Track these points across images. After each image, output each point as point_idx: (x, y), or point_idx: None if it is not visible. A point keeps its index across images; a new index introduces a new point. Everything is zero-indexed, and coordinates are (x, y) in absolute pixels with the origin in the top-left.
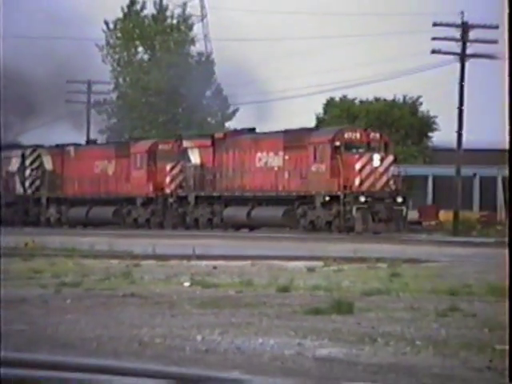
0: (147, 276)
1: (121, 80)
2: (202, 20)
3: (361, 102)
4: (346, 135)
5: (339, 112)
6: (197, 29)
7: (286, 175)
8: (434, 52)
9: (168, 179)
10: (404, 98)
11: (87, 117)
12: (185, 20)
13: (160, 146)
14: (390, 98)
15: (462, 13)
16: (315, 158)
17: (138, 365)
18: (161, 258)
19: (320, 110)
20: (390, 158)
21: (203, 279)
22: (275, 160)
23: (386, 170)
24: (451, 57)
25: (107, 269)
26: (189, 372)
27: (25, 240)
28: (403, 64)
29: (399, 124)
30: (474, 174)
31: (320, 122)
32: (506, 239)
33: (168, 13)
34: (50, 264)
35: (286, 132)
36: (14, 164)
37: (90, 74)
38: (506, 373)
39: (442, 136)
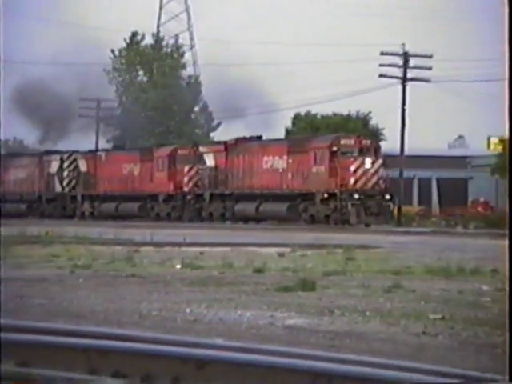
0: (145, 260)
1: (124, 98)
2: (191, 49)
3: (322, 116)
4: (341, 141)
5: (304, 125)
6: (187, 56)
7: (290, 175)
8: (381, 76)
9: (186, 179)
10: (357, 113)
11: (96, 128)
12: (177, 49)
13: (179, 151)
14: (345, 113)
15: (404, 44)
16: (315, 160)
17: (138, 333)
18: (157, 245)
19: (289, 123)
20: (380, 161)
21: (192, 262)
22: (280, 163)
23: (376, 171)
24: (395, 80)
25: (112, 254)
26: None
27: (45, 230)
28: (357, 85)
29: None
30: (414, 176)
31: (289, 133)
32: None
33: (163, 43)
34: (65, 249)
35: (290, 139)
36: (54, 167)
37: (99, 92)
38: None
39: (388, 145)
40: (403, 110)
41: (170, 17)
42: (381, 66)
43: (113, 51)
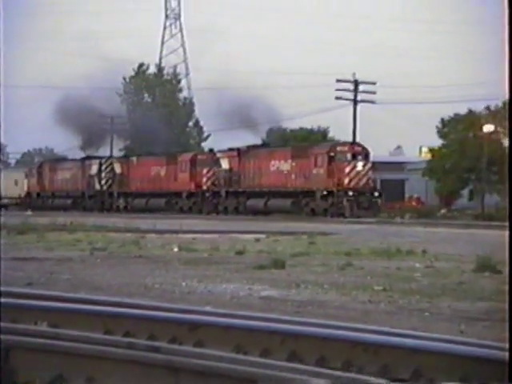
0: (150, 244)
1: (132, 115)
2: (186, 76)
3: (290, 130)
4: (337, 148)
5: (277, 137)
6: (183, 82)
7: (293, 176)
8: (337, 98)
9: (205, 179)
10: (318, 127)
11: (111, 139)
12: (175, 76)
13: (199, 157)
14: (309, 127)
15: (354, 73)
16: (315, 164)
17: (143, 302)
18: (159, 232)
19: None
20: (369, 164)
21: (187, 246)
22: (285, 166)
23: (366, 173)
24: (348, 101)
25: (123, 239)
26: (184, 308)
27: (71, 220)
28: (318, 105)
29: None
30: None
31: (264, 143)
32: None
33: (164, 72)
34: (86, 236)
35: (293, 146)
36: (94, 169)
37: (113, 111)
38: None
39: None
40: (354, 125)
41: (169, 51)
42: (337, 90)
43: (124, 78)
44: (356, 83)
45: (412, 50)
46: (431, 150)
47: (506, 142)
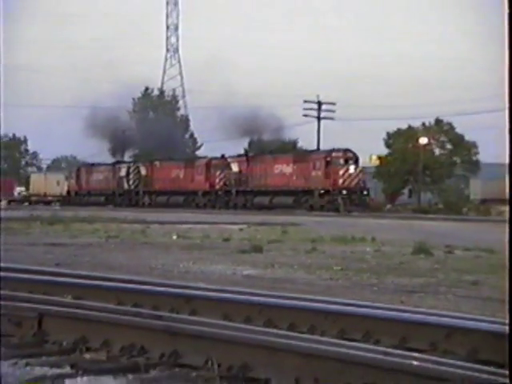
0: (154, 233)
1: (140, 129)
2: (183, 98)
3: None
4: (333, 154)
5: (256, 147)
6: (180, 102)
7: (294, 178)
8: (304, 115)
9: (217, 180)
10: (288, 139)
11: (123, 148)
12: (174, 97)
13: (213, 161)
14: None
15: (318, 95)
16: (314, 167)
17: (149, 279)
18: (161, 223)
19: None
20: (359, 168)
21: (183, 234)
22: (287, 169)
23: (357, 175)
24: (314, 118)
25: (133, 229)
26: (181, 284)
27: (91, 213)
28: (288, 121)
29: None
30: None
31: (247, 152)
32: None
33: (165, 94)
34: (103, 226)
35: (294, 153)
36: (123, 172)
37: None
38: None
39: None
40: (318, 137)
41: (169, 78)
42: (304, 109)
43: (133, 99)
44: (319, 104)
45: (365, 77)
46: (379, 158)
47: (437, 152)
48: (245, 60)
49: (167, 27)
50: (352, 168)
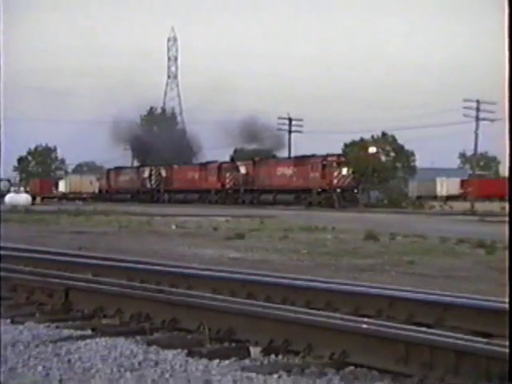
0: (157, 223)
1: (147, 140)
2: (180, 114)
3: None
4: (328, 159)
5: (239, 153)
6: (179, 118)
7: (295, 178)
8: (278, 129)
9: (227, 180)
10: (265, 148)
11: (132, 155)
12: (173, 114)
13: (223, 165)
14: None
15: (288, 113)
16: (312, 169)
17: (152, 260)
18: (162, 216)
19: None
20: (351, 170)
21: (181, 225)
22: (288, 171)
23: (349, 175)
24: (286, 131)
25: (140, 220)
26: (179, 265)
27: (108, 207)
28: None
29: None
30: None
31: (233, 159)
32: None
33: (166, 111)
34: (116, 218)
35: (294, 158)
36: (146, 173)
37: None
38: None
39: None
40: (289, 148)
41: (170, 98)
42: (278, 124)
43: (140, 116)
44: (290, 120)
45: (330, 97)
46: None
47: (383, 158)
48: (239, 83)
49: (168, 58)
50: (344, 170)
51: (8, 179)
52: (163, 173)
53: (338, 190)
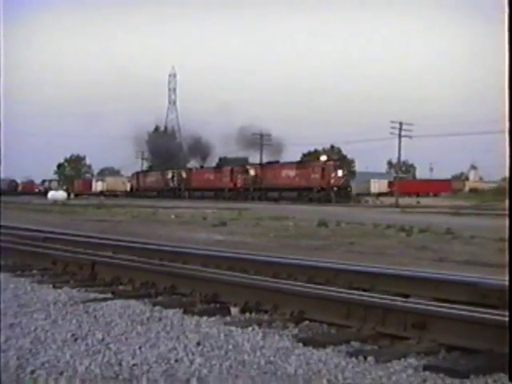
0: (160, 214)
1: (152, 150)
2: (178, 131)
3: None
4: (326, 163)
5: (223, 161)
6: (177, 134)
7: (297, 179)
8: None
9: (239, 181)
10: (242, 156)
11: (141, 165)
12: (173, 131)
13: (235, 168)
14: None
15: (261, 130)
16: (313, 172)
17: (157, 241)
18: (164, 208)
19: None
20: (345, 171)
21: (178, 215)
22: (291, 173)
23: (343, 176)
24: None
25: (147, 211)
26: (177, 245)
27: (125, 201)
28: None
29: None
30: None
31: (218, 164)
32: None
33: (168, 129)
34: (130, 210)
35: (297, 162)
36: (169, 175)
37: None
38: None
39: None
40: (261, 157)
41: (170, 119)
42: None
43: (148, 132)
44: (261, 135)
45: (293, 116)
46: None
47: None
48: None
49: (169, 89)
50: (340, 172)
51: (57, 180)
52: (184, 174)
53: (335, 189)
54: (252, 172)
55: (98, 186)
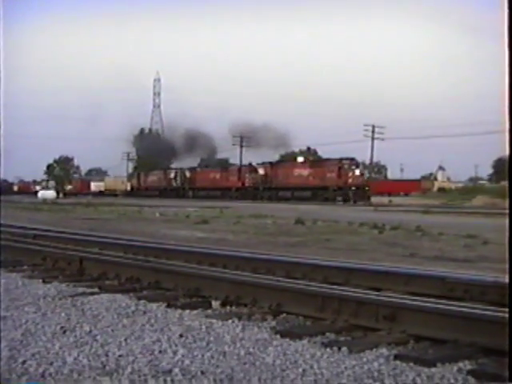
0: (145, 212)
1: (139, 152)
2: (163, 133)
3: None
4: (343, 161)
5: (207, 160)
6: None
7: (311, 178)
8: (233, 144)
9: (247, 180)
10: (223, 158)
11: (127, 166)
12: (157, 134)
13: (242, 168)
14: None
15: (241, 134)
16: (329, 171)
17: (142, 238)
18: (149, 207)
19: None
20: (363, 171)
21: (163, 213)
22: (304, 172)
23: (361, 175)
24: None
25: (133, 210)
26: (161, 242)
27: (110, 200)
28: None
29: None
30: None
31: (199, 164)
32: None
33: (153, 130)
34: (116, 208)
35: (310, 161)
36: (172, 175)
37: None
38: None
39: None
40: (241, 158)
41: (155, 122)
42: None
43: (133, 135)
44: (241, 138)
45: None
46: None
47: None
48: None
49: (154, 93)
50: (357, 171)
51: (54, 180)
52: (187, 174)
53: (354, 188)
54: (261, 171)
55: (96, 185)
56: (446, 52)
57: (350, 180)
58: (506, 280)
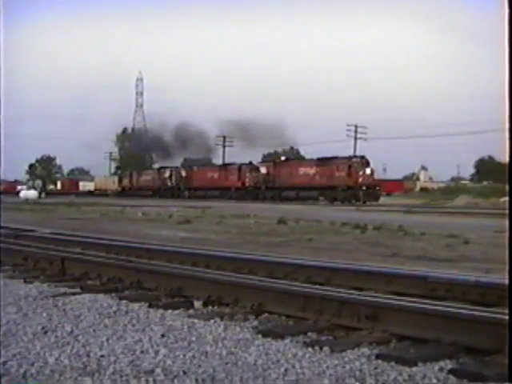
0: (128, 212)
1: (121, 153)
2: (146, 133)
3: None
4: (353, 160)
5: (188, 161)
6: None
7: (318, 177)
8: (216, 144)
9: (247, 179)
10: (206, 157)
11: (109, 166)
12: (140, 133)
13: (243, 166)
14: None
15: (224, 135)
16: (338, 170)
17: (124, 238)
18: (132, 207)
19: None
20: (373, 170)
21: (145, 213)
22: (311, 171)
23: (371, 174)
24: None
25: (116, 210)
26: (143, 242)
27: (95, 200)
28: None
29: None
30: None
31: (183, 164)
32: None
33: (135, 129)
34: (98, 208)
35: (316, 159)
36: (167, 174)
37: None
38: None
39: None
40: (223, 157)
41: (137, 122)
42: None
43: (116, 135)
44: (224, 137)
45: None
46: None
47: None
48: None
49: (136, 93)
50: (368, 170)
51: (41, 180)
52: (183, 173)
53: (364, 188)
54: (264, 170)
55: (85, 185)
56: (432, 53)
57: (360, 179)
58: (506, 280)
